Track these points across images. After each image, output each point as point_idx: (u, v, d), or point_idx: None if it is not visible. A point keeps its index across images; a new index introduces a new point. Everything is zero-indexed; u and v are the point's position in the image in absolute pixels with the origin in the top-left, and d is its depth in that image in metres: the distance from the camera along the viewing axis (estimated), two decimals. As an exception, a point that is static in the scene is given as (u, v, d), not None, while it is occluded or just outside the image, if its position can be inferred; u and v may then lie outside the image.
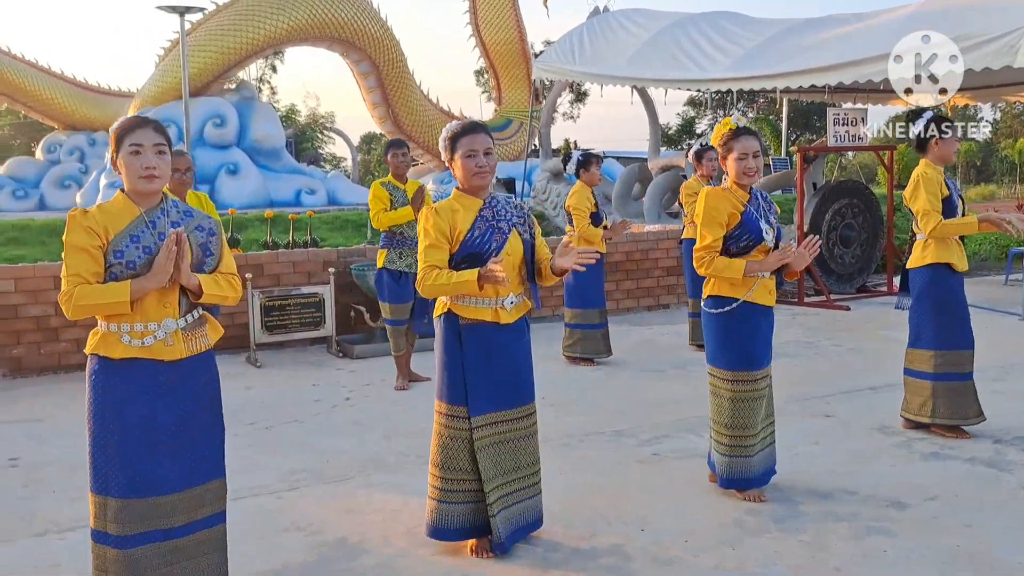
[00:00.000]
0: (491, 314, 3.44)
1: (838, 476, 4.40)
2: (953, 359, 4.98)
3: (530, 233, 3.60)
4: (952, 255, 4.98)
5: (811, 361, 7.39)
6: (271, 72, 55.11)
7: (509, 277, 3.41)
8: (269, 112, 22.56)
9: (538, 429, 3.68)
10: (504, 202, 3.57)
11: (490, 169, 3.46)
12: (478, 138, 3.45)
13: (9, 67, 24.05)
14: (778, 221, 4.17)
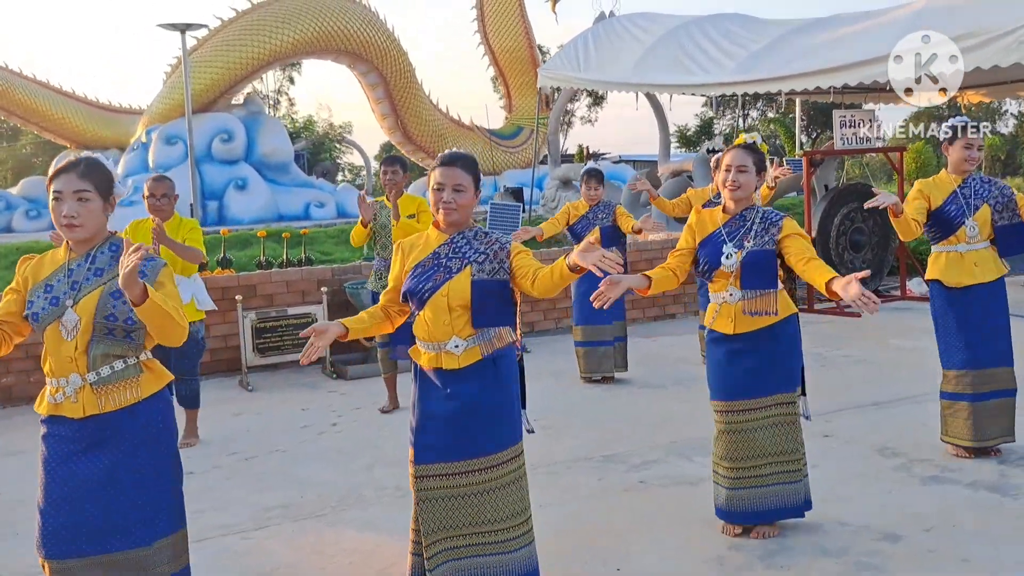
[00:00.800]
0: (433, 359, 3.19)
1: (831, 504, 4.19)
2: (956, 379, 4.79)
3: (500, 269, 3.20)
4: (942, 271, 4.81)
5: (816, 374, 7.12)
6: (289, 84, 55.38)
7: (441, 321, 3.16)
8: (276, 126, 22.52)
9: (516, 479, 3.26)
10: (474, 238, 3.25)
11: (457, 206, 3.17)
12: (448, 172, 3.17)
13: (21, 88, 24.19)
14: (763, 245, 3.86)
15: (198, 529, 4.21)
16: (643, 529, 4.01)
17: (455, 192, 3.16)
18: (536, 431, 5.72)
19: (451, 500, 3.17)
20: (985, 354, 4.75)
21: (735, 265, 3.81)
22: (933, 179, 4.91)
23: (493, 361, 3.21)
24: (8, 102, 24.34)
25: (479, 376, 3.19)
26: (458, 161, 3.22)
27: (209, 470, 5.22)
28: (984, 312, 4.76)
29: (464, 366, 3.16)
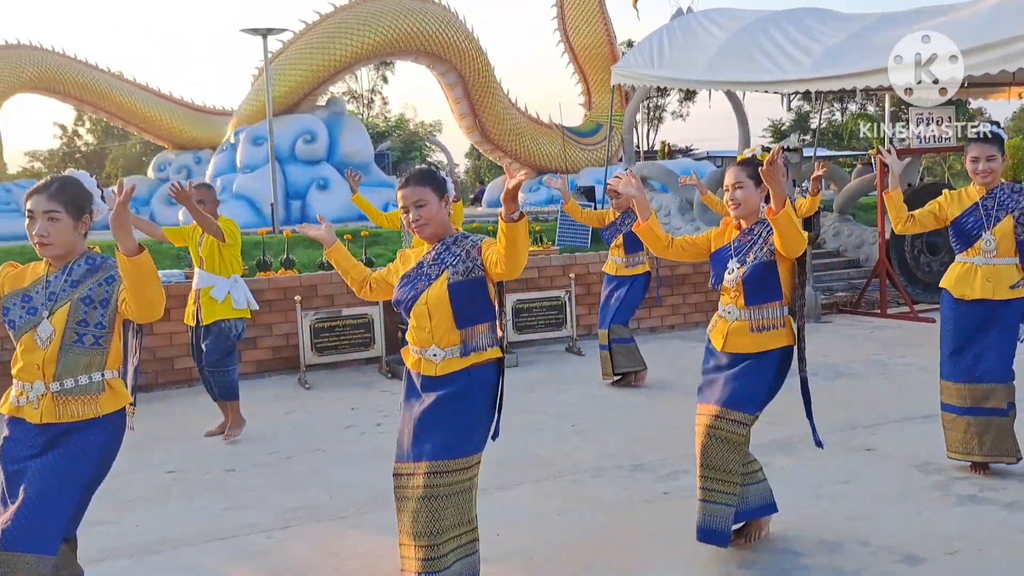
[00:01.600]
0: (415, 363, 3.29)
1: (856, 522, 4.07)
2: (951, 391, 4.70)
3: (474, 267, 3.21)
4: (952, 281, 4.71)
5: (871, 383, 6.96)
6: (382, 83, 56.35)
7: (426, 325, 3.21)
8: (357, 127, 22.96)
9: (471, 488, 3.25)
10: (453, 243, 3.28)
11: (426, 220, 3.22)
12: (405, 193, 3.24)
13: (121, 90, 25.29)
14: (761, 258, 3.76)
15: (222, 527, 4.37)
16: (656, 543, 3.97)
17: (418, 208, 3.23)
18: (569, 436, 5.77)
19: (409, 503, 3.20)
20: (973, 370, 4.60)
21: (736, 280, 3.77)
22: (959, 191, 4.76)
23: (468, 373, 3.24)
24: (110, 104, 25.46)
25: (453, 385, 3.23)
26: (411, 180, 3.29)
27: (248, 468, 5.38)
28: (982, 328, 4.60)
29: (441, 375, 3.23)
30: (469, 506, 3.28)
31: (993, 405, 4.58)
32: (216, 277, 5.94)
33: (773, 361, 3.83)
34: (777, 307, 3.77)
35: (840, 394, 6.63)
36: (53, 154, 58.63)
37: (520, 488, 4.77)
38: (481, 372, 3.28)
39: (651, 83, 15.85)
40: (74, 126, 58.26)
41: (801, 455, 5.14)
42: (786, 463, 5.02)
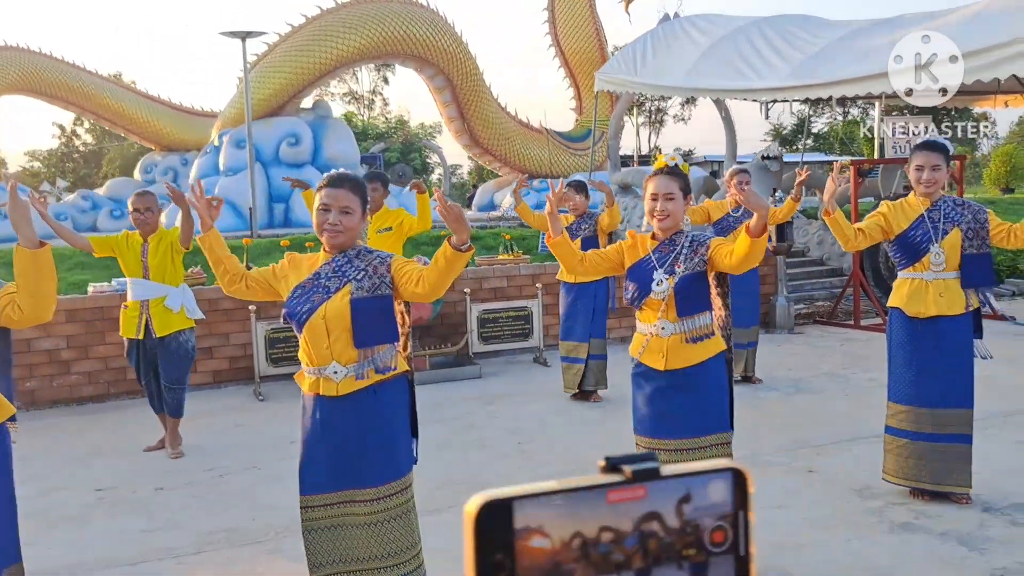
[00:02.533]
0: (312, 384, 3.13)
1: (783, 552, 3.95)
2: (902, 415, 4.48)
3: (381, 284, 3.11)
4: (900, 298, 4.49)
5: (829, 399, 6.84)
6: (383, 84, 56.28)
7: (324, 341, 3.08)
8: (343, 130, 22.87)
9: (403, 513, 3.21)
10: (356, 256, 3.15)
11: (344, 228, 3.08)
12: (335, 193, 3.08)
13: (108, 92, 25.21)
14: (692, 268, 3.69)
15: (139, 552, 4.26)
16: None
17: (342, 214, 3.09)
18: (513, 454, 5.65)
19: (336, 531, 3.15)
20: (934, 393, 4.42)
21: (666, 292, 3.61)
22: (902, 202, 4.58)
23: (374, 391, 3.13)
24: (96, 106, 25.38)
25: (358, 407, 3.13)
26: (346, 183, 3.14)
27: (179, 486, 5.27)
28: (941, 348, 4.42)
29: (343, 394, 3.09)
30: (412, 528, 3.23)
31: (958, 431, 4.43)
32: (167, 287, 5.76)
33: (720, 367, 3.71)
34: (708, 315, 3.68)
35: (795, 411, 6.52)
36: (52, 154, 58.62)
37: (450, 512, 4.65)
38: (389, 390, 3.18)
39: (633, 89, 15.75)
40: (73, 126, 58.29)
41: (742, 477, 5.02)
42: (725, 486, 4.90)
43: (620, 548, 0.52)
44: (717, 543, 0.55)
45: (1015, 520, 4.20)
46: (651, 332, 3.66)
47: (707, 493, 0.55)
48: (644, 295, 3.64)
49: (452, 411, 6.88)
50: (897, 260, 4.58)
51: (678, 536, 0.54)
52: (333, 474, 3.13)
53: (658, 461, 0.57)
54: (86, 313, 7.76)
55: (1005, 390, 6.85)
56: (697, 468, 0.57)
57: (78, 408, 7.59)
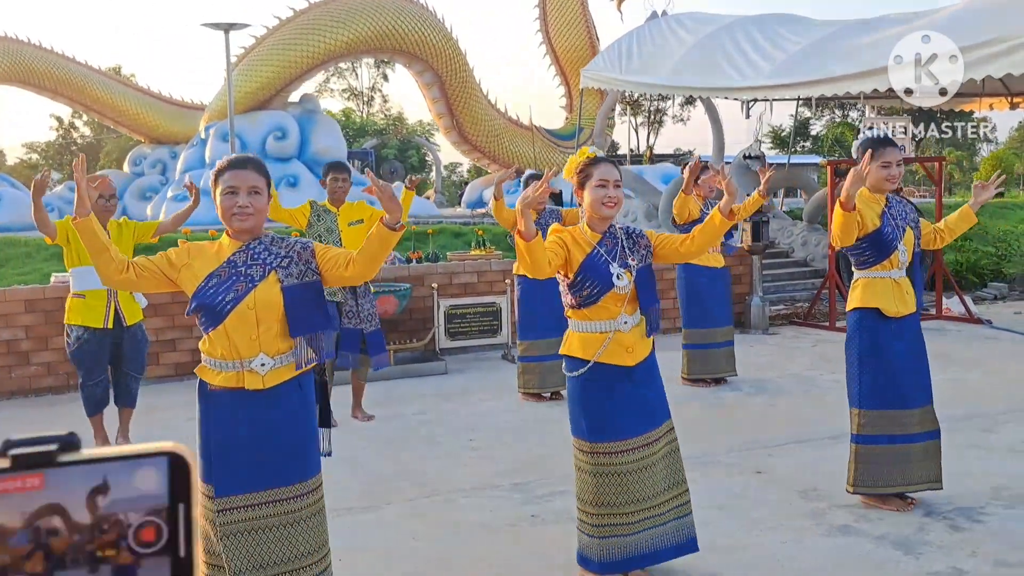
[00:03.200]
0: (235, 379, 2.97)
1: (716, 553, 3.88)
2: (876, 420, 4.33)
3: (307, 270, 3.05)
4: (878, 298, 4.31)
5: (791, 400, 6.77)
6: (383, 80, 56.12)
7: (253, 332, 2.97)
8: (331, 125, 22.77)
9: (318, 511, 3.13)
10: (271, 243, 3.06)
11: (254, 211, 2.98)
12: (241, 174, 2.97)
13: (97, 83, 25.08)
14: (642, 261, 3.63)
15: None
16: (502, 571, 3.78)
17: (251, 196, 2.98)
18: (462, 452, 5.57)
19: (257, 534, 3.01)
20: (912, 392, 4.34)
21: (629, 287, 3.53)
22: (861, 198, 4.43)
23: (299, 384, 3.06)
24: (86, 97, 25.26)
25: (284, 400, 3.03)
26: (250, 163, 3.04)
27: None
28: (912, 346, 4.36)
29: (269, 387, 2.99)
30: (323, 528, 3.14)
31: (935, 427, 4.38)
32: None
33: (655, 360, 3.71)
34: (657, 307, 3.64)
35: (754, 411, 6.45)
36: (50, 146, 58.56)
37: (386, 509, 4.57)
38: (308, 382, 3.12)
39: (617, 87, 15.67)
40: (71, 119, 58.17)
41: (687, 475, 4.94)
42: (669, 486, 4.82)
43: (4, 548, 0.44)
44: (146, 542, 0.47)
45: (956, 525, 4.12)
46: (611, 329, 3.54)
47: (133, 482, 0.47)
48: (606, 290, 3.51)
49: (408, 407, 6.81)
50: (863, 259, 4.35)
51: (90, 534, 0.45)
52: (256, 473, 3.00)
53: (72, 445, 0.48)
54: (46, 303, 7.68)
55: (968, 393, 6.79)
56: (119, 452, 0.48)
57: (36, 400, 7.51)
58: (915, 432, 4.34)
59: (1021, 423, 5.84)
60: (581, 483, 3.59)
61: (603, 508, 3.52)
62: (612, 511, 3.51)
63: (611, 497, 3.51)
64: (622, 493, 3.51)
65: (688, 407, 6.61)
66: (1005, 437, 5.53)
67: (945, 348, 8.67)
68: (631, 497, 3.52)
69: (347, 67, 55.31)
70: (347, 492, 4.82)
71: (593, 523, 3.54)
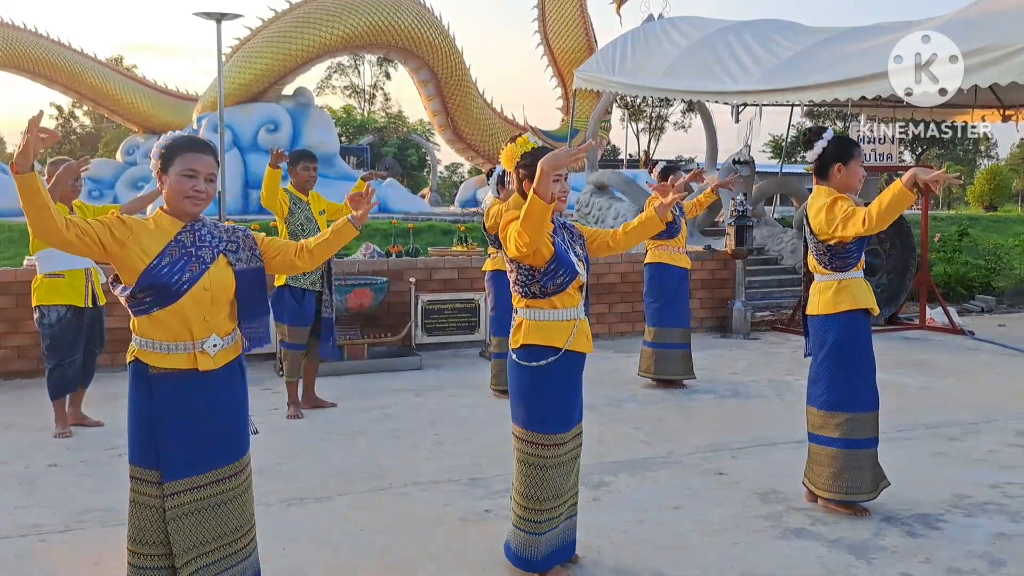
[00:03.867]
0: (188, 360, 2.94)
1: (663, 553, 3.81)
2: (868, 423, 4.26)
3: (252, 257, 3.07)
4: (867, 298, 4.27)
5: (764, 403, 6.70)
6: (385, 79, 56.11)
7: (207, 313, 2.98)
8: (323, 119, 22.72)
9: (249, 485, 3.16)
10: (212, 227, 3.06)
11: (207, 196, 2.97)
12: (201, 159, 2.95)
13: (93, 71, 25.03)
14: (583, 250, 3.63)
15: (4, 527, 4.11)
16: (447, 565, 3.71)
17: (208, 182, 2.98)
18: (425, 445, 5.50)
19: (204, 512, 3.02)
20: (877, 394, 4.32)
21: (585, 274, 3.55)
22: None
23: (239, 363, 3.10)
24: (81, 85, 25.20)
25: (229, 379, 3.06)
26: (208, 148, 3.03)
27: (75, 464, 5.11)
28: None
29: (219, 367, 2.99)
30: (251, 503, 3.19)
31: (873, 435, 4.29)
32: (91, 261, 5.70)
33: None
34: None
35: (725, 414, 6.38)
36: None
37: (338, 500, 4.50)
38: (243, 360, 3.16)
39: (609, 89, 15.61)
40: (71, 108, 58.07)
41: (647, 476, 4.89)
42: (628, 483, 4.76)
43: None
44: None
45: (912, 531, 4.06)
46: (576, 316, 3.51)
47: None
48: (573, 277, 3.46)
49: (376, 401, 6.74)
50: (849, 260, 4.25)
51: None
52: (203, 454, 3.00)
53: None
54: (17, 287, 7.60)
55: (941, 402, 6.74)
56: None
57: (5, 383, 7.43)
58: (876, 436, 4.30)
59: (989, 433, 5.78)
60: (527, 478, 3.50)
61: (543, 503, 3.45)
62: (551, 504, 3.47)
63: (552, 490, 3.46)
64: (560, 485, 3.47)
65: (658, 407, 6.56)
66: (971, 446, 5.47)
67: (924, 357, 8.62)
68: (563, 489, 3.49)
69: (350, 64, 55.33)
70: (303, 483, 4.76)
71: (533, 519, 3.47)
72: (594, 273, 9.86)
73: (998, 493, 4.59)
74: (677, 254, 7.15)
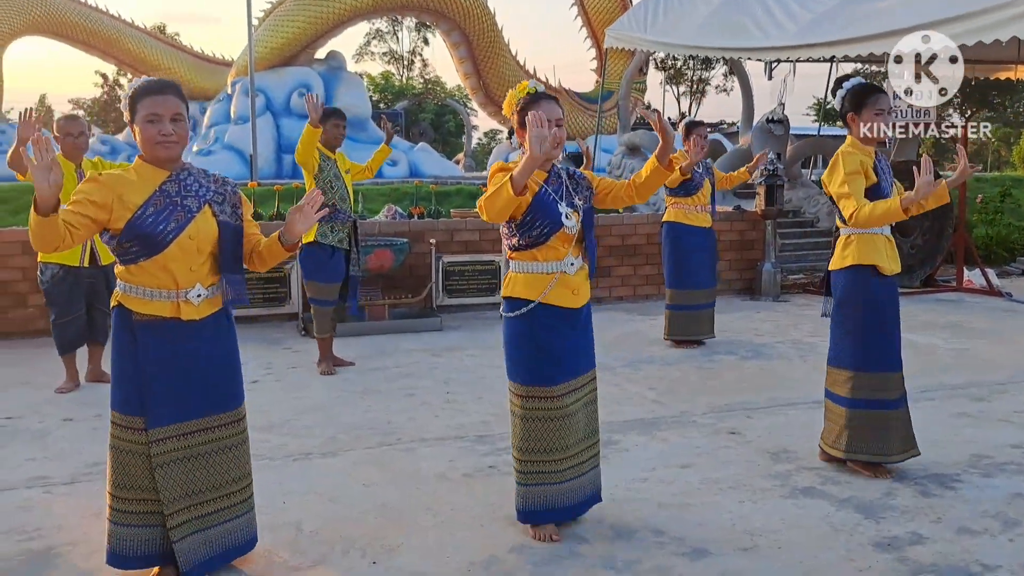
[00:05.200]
0: (171, 308, 2.95)
1: (668, 509, 3.74)
2: (873, 382, 4.11)
3: (234, 214, 3.09)
4: (878, 255, 4.10)
5: (785, 365, 6.58)
6: (423, 45, 55.89)
7: (192, 263, 2.97)
8: (356, 82, 22.64)
9: (244, 439, 3.17)
10: (199, 175, 3.05)
11: (178, 138, 2.92)
12: (162, 100, 2.90)
13: (130, 37, 25.18)
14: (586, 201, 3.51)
15: (10, 479, 4.15)
16: (445, 520, 3.67)
17: (174, 122, 2.93)
18: (436, 403, 5.47)
19: (193, 460, 3.04)
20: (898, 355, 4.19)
21: (576, 226, 3.42)
22: (854, 152, 4.19)
23: (226, 314, 3.11)
24: (118, 51, 25.38)
25: (215, 328, 3.06)
26: (169, 88, 2.97)
27: (89, 419, 5.15)
28: (895, 309, 4.18)
29: (203, 317, 3.01)
30: (247, 458, 3.20)
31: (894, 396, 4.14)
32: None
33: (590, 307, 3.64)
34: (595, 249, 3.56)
35: (744, 375, 6.27)
36: (96, 102, 59.25)
37: (344, 455, 4.49)
38: (231, 313, 3.19)
39: (642, 47, 15.33)
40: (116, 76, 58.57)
41: (658, 434, 4.81)
42: (637, 441, 4.69)
43: None
44: None
45: (926, 491, 3.95)
46: (558, 270, 3.41)
47: None
48: (556, 229, 3.38)
49: (392, 360, 6.72)
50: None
51: None
52: (189, 402, 3.02)
53: None
54: (42, 246, 7.67)
55: (971, 363, 6.56)
56: None
57: (31, 340, 7.54)
58: (896, 398, 4.16)
59: (1017, 394, 5.61)
60: (513, 428, 3.50)
61: (532, 455, 3.43)
62: (541, 458, 3.42)
63: (541, 443, 3.42)
64: (552, 439, 3.40)
65: (676, 368, 6.46)
66: (997, 407, 5.31)
67: (959, 319, 8.41)
68: (559, 444, 3.41)
69: (388, 30, 55.17)
70: (311, 439, 4.76)
71: (522, 470, 3.46)
72: (618, 235, 9.76)
73: (1020, 453, 4.45)
74: (694, 213, 7.01)
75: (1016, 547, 3.36)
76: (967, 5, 9.07)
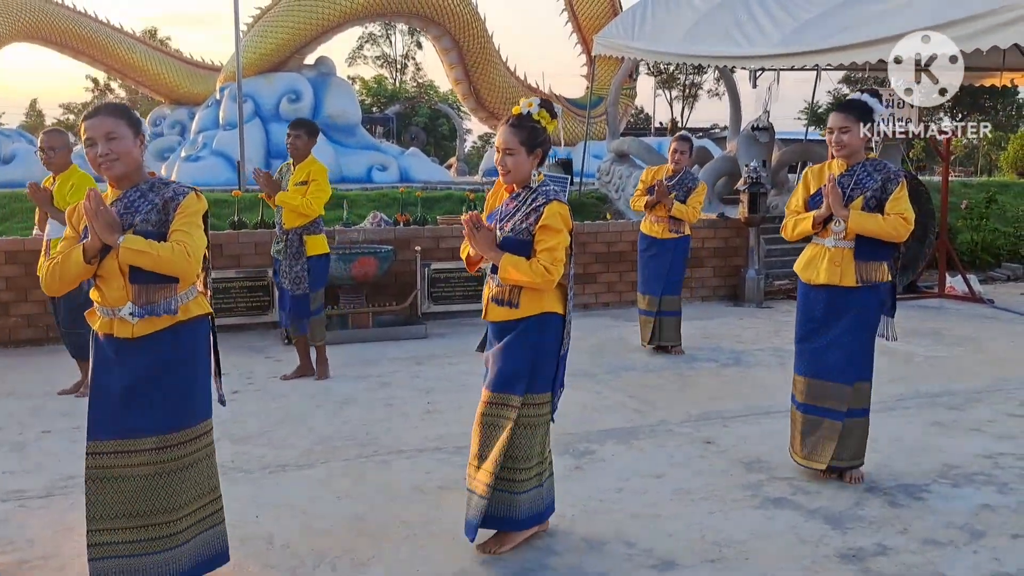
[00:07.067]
0: (107, 325, 2.96)
1: (639, 520, 3.78)
2: (807, 388, 4.25)
3: (160, 223, 2.96)
4: (802, 264, 4.33)
5: (763, 372, 6.62)
6: (416, 48, 55.93)
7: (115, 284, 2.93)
8: (345, 88, 22.64)
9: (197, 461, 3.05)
10: (149, 190, 2.98)
11: (118, 156, 2.90)
12: (94, 123, 2.91)
13: (119, 43, 25.13)
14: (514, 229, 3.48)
15: (-10, 491, 4.17)
16: (418, 533, 3.70)
17: (109, 141, 2.91)
18: (416, 413, 5.49)
19: (125, 482, 2.95)
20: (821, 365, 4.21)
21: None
22: (823, 165, 4.36)
23: (173, 333, 2.98)
24: (107, 57, 25.33)
25: (155, 349, 2.97)
26: (102, 110, 2.98)
27: (68, 431, 5.16)
28: (829, 318, 4.21)
29: (138, 336, 2.94)
30: (209, 474, 3.12)
31: (830, 405, 4.19)
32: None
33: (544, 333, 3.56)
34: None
35: (723, 382, 6.31)
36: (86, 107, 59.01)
37: (320, 468, 4.51)
38: (189, 332, 3.03)
39: (629, 55, 15.36)
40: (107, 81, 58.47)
41: (634, 444, 4.85)
42: (613, 451, 4.73)
43: None
44: None
45: (894, 500, 3.99)
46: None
47: None
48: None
49: (374, 369, 6.74)
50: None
51: None
52: (126, 420, 2.96)
53: None
54: (25, 255, 7.69)
55: (949, 371, 6.61)
56: None
57: (14, 350, 7.54)
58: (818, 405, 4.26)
59: (991, 403, 5.66)
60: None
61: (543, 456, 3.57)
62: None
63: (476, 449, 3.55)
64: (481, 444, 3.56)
65: (655, 376, 6.50)
66: (970, 416, 5.36)
67: (938, 325, 8.46)
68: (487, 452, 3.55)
69: (381, 34, 55.20)
70: (288, 450, 4.78)
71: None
72: (604, 241, 9.82)
73: (990, 463, 4.49)
74: (647, 222, 7.20)
75: (979, 559, 3.40)
76: (951, 14, 9.13)
